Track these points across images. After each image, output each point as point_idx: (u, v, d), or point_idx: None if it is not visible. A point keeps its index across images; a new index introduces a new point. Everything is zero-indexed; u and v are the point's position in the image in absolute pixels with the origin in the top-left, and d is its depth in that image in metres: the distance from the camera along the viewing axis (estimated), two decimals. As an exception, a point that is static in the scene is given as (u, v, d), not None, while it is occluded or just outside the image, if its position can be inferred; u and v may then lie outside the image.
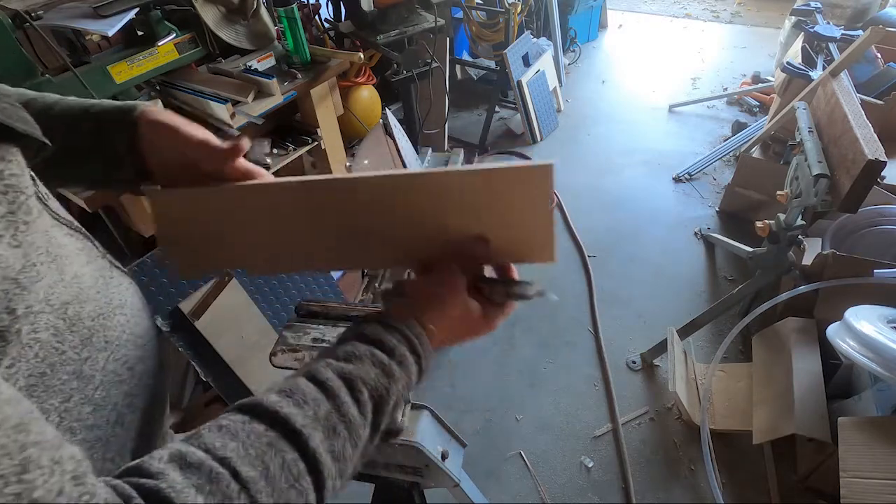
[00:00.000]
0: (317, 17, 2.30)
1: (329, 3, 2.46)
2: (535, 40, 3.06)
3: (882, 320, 1.26)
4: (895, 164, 1.66)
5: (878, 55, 2.23)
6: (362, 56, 1.91)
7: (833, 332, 1.29)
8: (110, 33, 1.38)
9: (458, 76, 3.42)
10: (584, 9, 3.81)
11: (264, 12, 1.77)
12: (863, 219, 1.68)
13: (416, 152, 1.91)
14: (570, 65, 3.74)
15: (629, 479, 1.53)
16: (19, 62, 1.26)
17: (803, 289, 1.52)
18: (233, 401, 1.43)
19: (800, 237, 1.52)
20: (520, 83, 2.86)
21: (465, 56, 3.37)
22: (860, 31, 1.96)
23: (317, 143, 1.96)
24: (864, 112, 1.39)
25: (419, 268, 0.54)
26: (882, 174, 1.25)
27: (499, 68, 2.96)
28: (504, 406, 1.76)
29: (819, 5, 2.36)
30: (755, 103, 3.16)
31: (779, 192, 1.54)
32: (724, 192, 2.43)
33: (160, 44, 1.53)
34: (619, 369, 1.84)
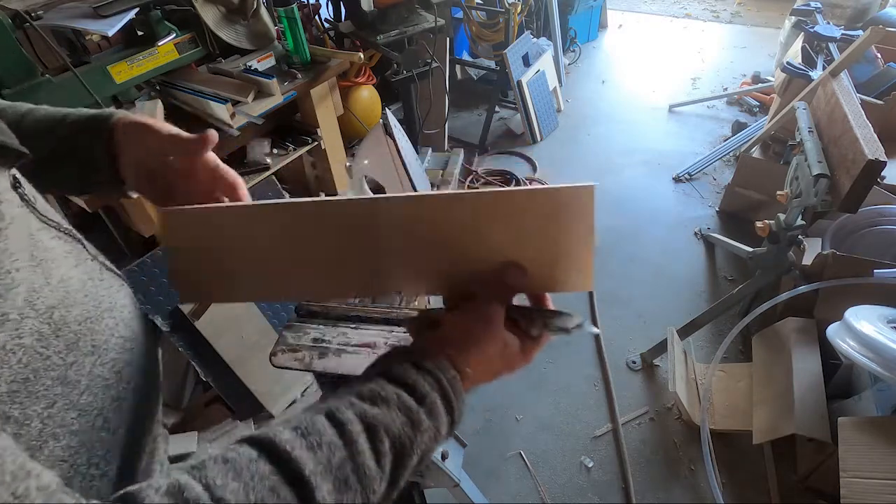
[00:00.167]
0: (317, 17, 2.30)
1: (329, 3, 2.46)
2: (535, 40, 3.06)
3: (882, 320, 1.26)
4: (895, 164, 1.66)
5: (878, 55, 2.23)
6: (362, 56, 1.92)
7: (833, 332, 1.29)
8: (110, 33, 1.38)
9: (458, 76, 3.42)
10: (584, 9, 3.81)
11: (264, 12, 1.77)
12: (863, 219, 1.68)
13: (416, 152, 1.91)
14: (570, 65, 3.74)
15: (629, 479, 1.53)
16: (19, 62, 1.26)
17: (803, 289, 1.52)
18: (233, 401, 1.44)
19: (800, 237, 1.52)
20: (520, 83, 2.86)
21: (465, 56, 3.37)
22: (860, 31, 1.96)
23: (317, 143, 1.96)
24: (864, 112, 1.39)
25: (450, 296, 0.50)
26: (882, 174, 1.25)
27: (499, 68, 2.96)
28: (504, 406, 1.76)
29: (819, 5, 2.36)
30: (755, 103, 3.16)
31: (779, 192, 1.54)
32: (724, 192, 2.43)
33: (160, 44, 1.53)
34: (619, 369, 1.84)
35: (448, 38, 2.78)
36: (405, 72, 2.16)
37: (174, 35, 1.56)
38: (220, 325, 1.51)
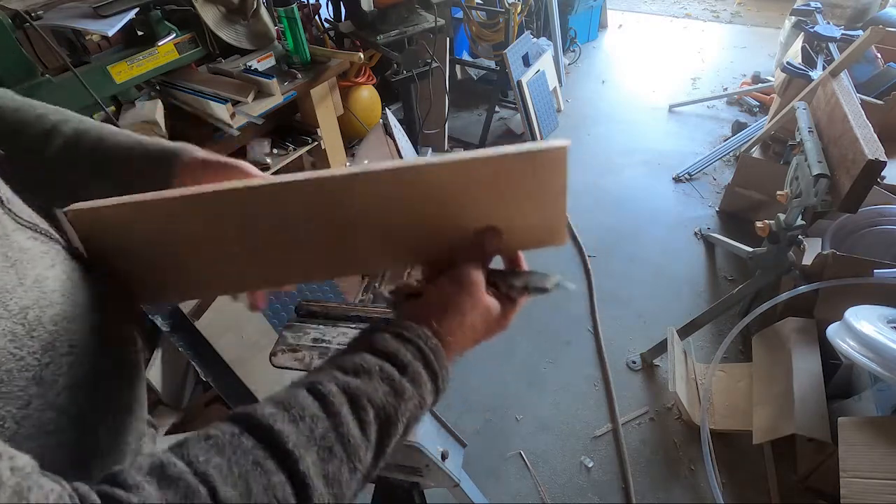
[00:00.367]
0: (317, 17, 2.30)
1: (329, 3, 2.46)
2: (535, 40, 3.06)
3: (882, 320, 1.26)
4: (895, 164, 1.66)
5: (878, 55, 2.23)
6: (362, 56, 1.92)
7: (833, 332, 1.29)
8: (110, 33, 1.38)
9: (458, 76, 3.42)
10: (584, 9, 3.81)
11: (264, 12, 1.77)
12: (863, 219, 1.68)
13: (416, 152, 1.91)
14: (570, 65, 3.74)
15: (629, 479, 1.53)
16: (19, 62, 1.26)
17: (803, 289, 1.52)
18: (233, 401, 1.43)
19: (800, 237, 1.52)
20: (520, 83, 2.86)
21: (465, 56, 3.36)
22: (860, 31, 1.96)
23: (317, 143, 1.96)
24: (864, 112, 1.39)
25: (427, 265, 0.50)
26: (882, 174, 1.25)
27: (499, 68, 2.96)
28: (504, 406, 1.76)
29: (819, 5, 2.36)
30: (755, 103, 3.16)
31: (779, 192, 1.54)
32: (724, 192, 2.43)
33: (160, 44, 1.53)
34: (619, 369, 1.84)
35: (448, 38, 2.78)
36: (405, 72, 2.16)
37: (174, 35, 1.56)
38: (220, 325, 1.51)
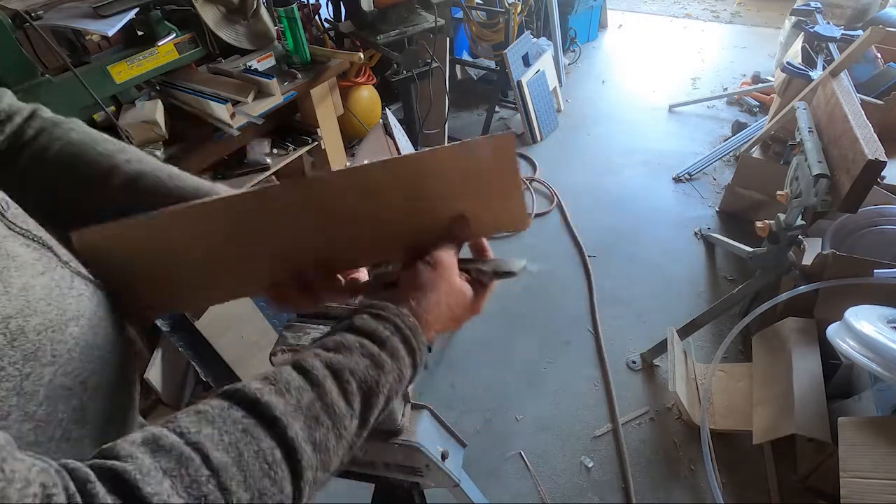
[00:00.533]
0: (317, 17, 2.30)
1: (329, 3, 2.46)
2: (535, 40, 3.06)
3: (882, 320, 1.26)
4: (895, 164, 1.66)
5: (878, 55, 2.23)
6: (362, 56, 1.92)
7: (833, 332, 1.29)
8: (110, 33, 1.38)
9: (458, 76, 3.42)
10: (584, 9, 3.81)
11: (264, 12, 1.77)
12: (863, 219, 1.68)
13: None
14: (570, 65, 3.74)
15: (629, 479, 1.53)
16: (19, 62, 1.26)
17: (803, 289, 1.52)
18: (233, 401, 1.39)
19: (800, 237, 1.52)
20: (520, 83, 2.86)
21: (465, 56, 3.37)
22: (860, 31, 1.96)
23: (317, 143, 1.96)
24: (864, 112, 1.39)
25: (403, 258, 0.53)
26: (882, 174, 1.25)
27: (499, 68, 2.96)
28: (504, 406, 1.76)
29: (819, 5, 2.36)
30: (755, 103, 3.16)
31: (779, 192, 1.54)
32: (724, 192, 2.43)
33: (160, 44, 1.53)
34: (619, 369, 1.84)
35: (448, 38, 2.78)
36: (405, 72, 2.16)
37: (174, 35, 1.56)
38: (220, 325, 1.51)
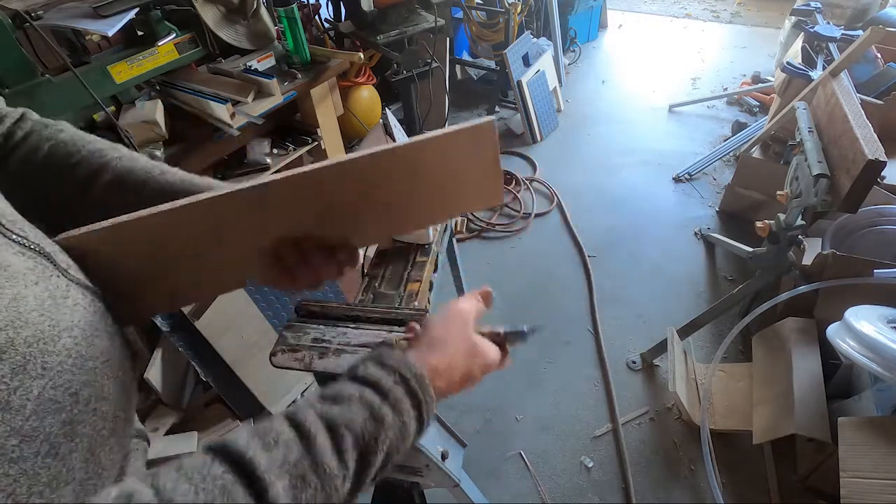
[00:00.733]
0: (317, 17, 2.30)
1: (329, 3, 2.46)
2: (535, 40, 3.06)
3: (882, 320, 1.26)
4: (895, 164, 1.66)
5: (878, 55, 2.23)
6: (362, 56, 1.92)
7: (833, 332, 1.29)
8: (110, 33, 1.38)
9: (458, 76, 3.42)
10: (584, 9, 3.81)
11: (264, 12, 1.77)
12: (863, 219, 1.68)
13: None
14: (570, 65, 3.74)
15: (629, 479, 1.53)
16: (19, 62, 1.26)
17: (803, 289, 1.52)
18: (233, 401, 1.43)
19: (800, 237, 1.52)
20: (520, 83, 2.86)
21: (465, 56, 3.37)
22: (860, 31, 1.96)
23: (317, 143, 1.96)
24: (864, 112, 1.39)
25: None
26: (882, 174, 1.25)
27: (499, 68, 2.96)
28: (504, 406, 1.76)
29: (819, 5, 2.36)
30: (755, 103, 3.16)
31: (779, 192, 1.54)
32: (724, 192, 2.43)
33: (160, 44, 1.53)
34: (619, 369, 1.84)
35: (448, 38, 2.78)
36: (405, 72, 2.16)
37: (174, 35, 1.56)
38: (220, 325, 1.51)
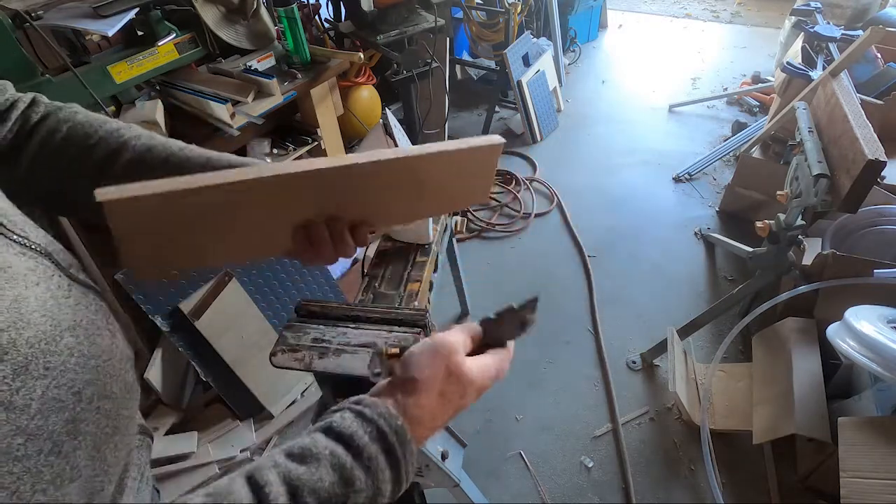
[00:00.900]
0: (317, 17, 2.30)
1: (329, 3, 2.46)
2: (535, 40, 3.06)
3: (882, 320, 1.26)
4: (895, 164, 1.66)
5: (878, 55, 2.23)
6: (362, 56, 1.91)
7: (833, 332, 1.29)
8: (110, 33, 1.38)
9: (458, 76, 3.42)
10: (584, 9, 3.81)
11: (264, 12, 1.77)
12: (863, 219, 1.68)
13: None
14: (570, 65, 3.74)
15: (629, 479, 1.53)
16: (19, 62, 1.26)
17: (803, 289, 1.52)
18: (233, 401, 1.43)
19: (800, 237, 1.52)
20: (520, 83, 2.86)
21: (465, 56, 3.37)
22: (860, 31, 1.96)
23: (317, 143, 1.96)
24: (864, 112, 1.39)
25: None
26: (882, 174, 1.25)
27: (499, 68, 2.96)
28: (504, 406, 1.76)
29: (819, 5, 2.36)
30: (755, 103, 3.16)
31: (779, 192, 1.54)
32: (724, 192, 2.43)
33: (160, 44, 1.53)
34: (619, 369, 1.84)
35: (448, 38, 2.78)
36: (405, 72, 2.16)
37: (174, 35, 1.56)
38: (220, 325, 1.51)
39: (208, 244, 0.52)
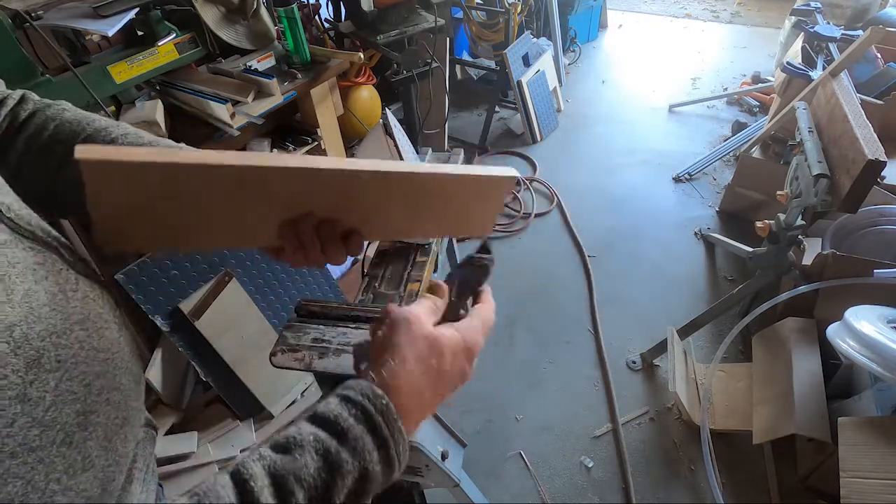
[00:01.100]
0: (317, 17, 2.30)
1: (329, 3, 2.46)
2: (535, 40, 3.06)
3: (882, 320, 1.26)
4: (895, 164, 1.66)
5: (878, 55, 2.23)
6: (362, 56, 1.91)
7: (833, 332, 1.29)
8: (110, 33, 1.38)
9: (458, 76, 3.42)
10: (584, 9, 3.81)
11: (264, 12, 1.77)
12: (863, 219, 1.68)
13: (416, 152, 1.91)
14: (570, 65, 3.74)
15: (629, 479, 1.53)
16: (19, 62, 1.26)
17: (803, 289, 1.52)
18: (233, 401, 1.43)
19: (800, 237, 1.52)
20: (520, 83, 2.86)
21: (465, 56, 3.37)
22: (860, 31, 1.96)
23: (317, 143, 1.96)
24: (864, 112, 1.39)
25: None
26: (882, 174, 1.25)
27: (499, 68, 2.96)
28: (504, 406, 1.76)
29: (819, 5, 2.36)
30: (755, 103, 3.16)
31: (779, 192, 1.54)
32: (724, 192, 2.43)
33: (160, 44, 1.53)
34: (619, 369, 1.84)
35: (448, 38, 2.78)
36: (405, 72, 2.16)
37: (174, 35, 1.56)
38: (220, 325, 1.51)
39: (188, 225, 0.49)
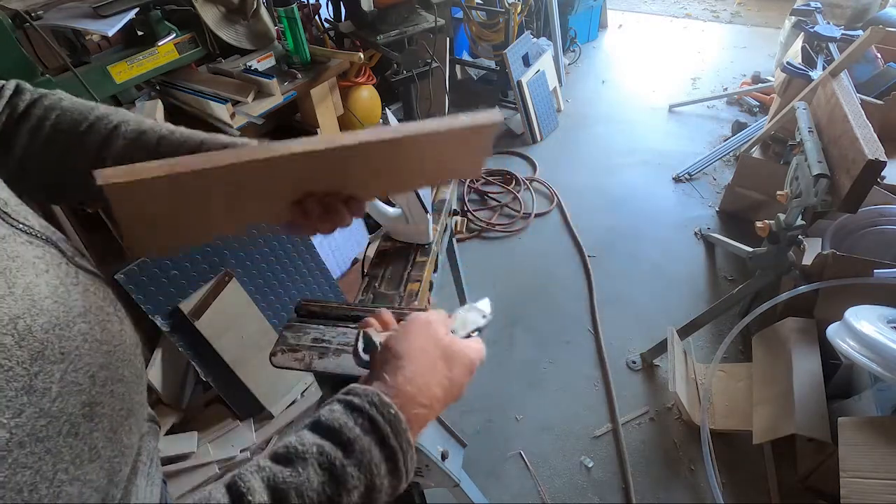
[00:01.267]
0: (317, 17, 2.30)
1: (329, 3, 2.46)
2: (535, 40, 3.06)
3: (882, 320, 1.26)
4: (895, 164, 1.66)
5: (878, 55, 2.23)
6: (362, 56, 1.91)
7: (833, 332, 1.29)
8: (110, 33, 1.38)
9: (458, 76, 3.42)
10: (584, 9, 3.81)
11: (264, 12, 1.77)
12: (863, 219, 1.68)
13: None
14: (570, 65, 3.74)
15: (629, 479, 1.53)
16: (19, 62, 1.26)
17: (803, 289, 1.52)
18: (233, 401, 1.43)
19: (800, 237, 1.52)
20: (520, 83, 2.86)
21: (465, 56, 3.37)
22: (860, 31, 1.96)
23: (317, 143, 1.96)
24: (864, 112, 1.39)
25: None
26: (882, 174, 1.25)
27: (499, 68, 2.96)
28: (504, 406, 1.76)
29: (819, 5, 2.36)
30: (755, 103, 3.16)
31: (779, 192, 1.54)
32: (724, 192, 2.43)
33: (160, 44, 1.53)
34: (619, 369, 1.84)
35: (448, 38, 2.78)
36: (405, 72, 2.16)
37: (174, 35, 1.56)
38: (220, 325, 1.51)
39: (210, 220, 0.53)
